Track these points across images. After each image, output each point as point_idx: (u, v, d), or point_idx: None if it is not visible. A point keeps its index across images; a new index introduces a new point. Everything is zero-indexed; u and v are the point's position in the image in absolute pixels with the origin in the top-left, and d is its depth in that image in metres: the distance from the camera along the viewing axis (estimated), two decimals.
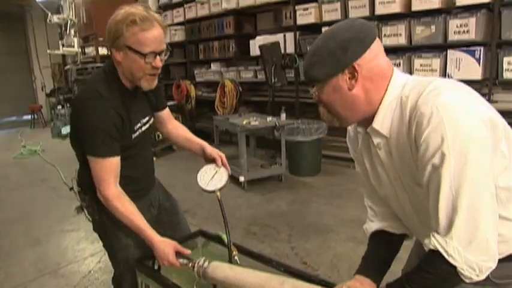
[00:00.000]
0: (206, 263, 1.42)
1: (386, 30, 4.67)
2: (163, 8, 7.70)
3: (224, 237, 1.70)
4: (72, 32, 8.75)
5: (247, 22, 6.58)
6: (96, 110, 1.43)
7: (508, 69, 4.00)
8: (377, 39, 1.03)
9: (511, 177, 1.00)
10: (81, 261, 3.26)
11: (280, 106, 5.04)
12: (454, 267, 0.93)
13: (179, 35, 7.29)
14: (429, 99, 0.93)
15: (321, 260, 3.10)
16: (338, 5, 4.99)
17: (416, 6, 4.38)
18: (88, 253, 3.39)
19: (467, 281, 0.94)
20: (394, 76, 1.05)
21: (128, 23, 1.36)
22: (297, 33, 5.50)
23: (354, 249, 3.23)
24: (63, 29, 9.37)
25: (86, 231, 3.74)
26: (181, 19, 7.26)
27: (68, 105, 8.71)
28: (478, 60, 4.14)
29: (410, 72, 4.56)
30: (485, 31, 4.12)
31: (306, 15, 5.30)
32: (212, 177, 1.64)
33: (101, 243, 1.82)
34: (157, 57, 1.43)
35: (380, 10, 4.64)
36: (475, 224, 0.91)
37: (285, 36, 5.45)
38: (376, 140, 1.10)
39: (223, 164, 1.67)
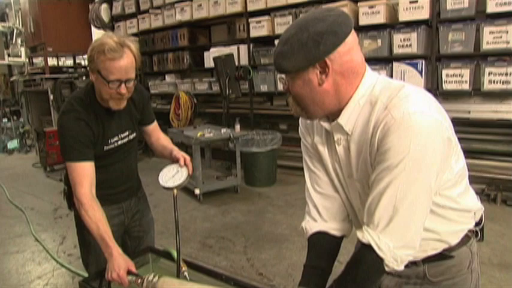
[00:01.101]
0: (156, 278, 1.40)
1: None
2: (116, 19, 7.56)
3: (174, 253, 1.69)
4: (19, 41, 8.38)
5: (202, 34, 6.60)
6: (69, 120, 1.61)
7: (446, 81, 4.26)
8: (353, 31, 0.98)
9: (454, 188, 1.08)
10: (26, 285, 3.09)
11: (235, 117, 5.07)
12: (382, 259, 0.98)
13: None
14: (401, 104, 0.94)
15: (276, 270, 3.12)
16: (290, 18, 5.11)
17: (363, 21, 4.58)
18: (34, 275, 3.22)
19: (387, 269, 1.00)
20: (366, 74, 1.03)
21: (99, 51, 1.50)
22: (251, 45, 5.59)
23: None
24: (9, 37, 8.96)
25: (33, 252, 3.56)
26: (134, 30, 7.15)
27: (15, 118, 8.31)
28: (421, 72, 4.38)
29: None
30: (426, 45, 4.38)
31: (259, 28, 5.39)
32: (173, 176, 1.66)
33: (48, 264, 1.77)
34: (122, 84, 1.55)
35: None
36: (409, 226, 0.98)
37: (238, 48, 5.51)
38: (336, 136, 1.09)
39: (186, 164, 1.69)
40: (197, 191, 4.54)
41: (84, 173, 1.60)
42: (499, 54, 4.02)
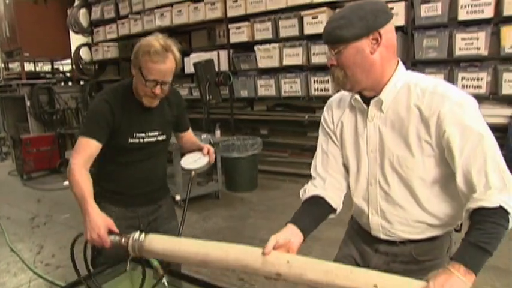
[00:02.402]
0: (142, 236, 1.35)
1: (315, 49, 4.92)
2: (95, 24, 7.48)
3: (153, 260, 1.68)
4: None
5: (182, 39, 6.57)
6: (95, 101, 1.75)
7: None
8: (393, 19, 1.17)
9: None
10: None
11: (215, 123, 5.08)
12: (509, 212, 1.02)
13: (112, 52, 7.10)
14: (454, 90, 1.14)
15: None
16: (269, 24, 5.17)
17: None
18: (10, 287, 3.15)
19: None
20: (400, 62, 1.23)
21: (145, 51, 1.58)
22: (231, 51, 5.61)
23: None
24: None
25: (8, 263, 3.48)
26: (114, 35, 7.08)
27: None
28: None
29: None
30: (402, 51, 4.48)
31: (238, 34, 5.43)
32: (195, 161, 1.81)
33: (24, 275, 1.74)
34: (158, 85, 1.63)
35: (308, 30, 4.88)
36: (507, 175, 1.07)
37: (218, 54, 5.54)
38: (371, 113, 1.24)
39: (208, 153, 1.83)
40: (178, 197, 4.52)
41: (86, 147, 1.64)
42: (471, 60, 4.15)
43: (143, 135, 1.78)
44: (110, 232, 1.44)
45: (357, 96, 1.26)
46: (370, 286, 1.01)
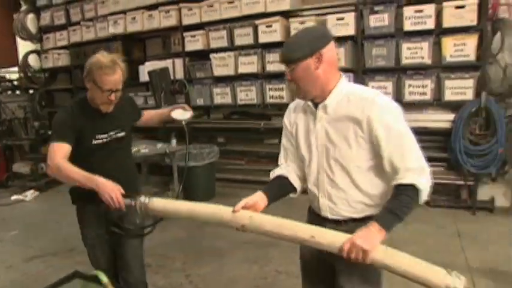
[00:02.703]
0: (147, 199, 1.77)
1: (270, 57, 4.99)
2: (44, 30, 7.15)
3: (101, 276, 1.64)
4: None
5: (137, 47, 6.46)
6: (59, 113, 2.08)
7: None
8: (333, 41, 1.49)
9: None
10: None
11: (171, 132, 5.01)
12: (419, 190, 1.41)
13: (63, 59, 6.82)
14: (372, 99, 1.45)
15: (215, 285, 3.12)
16: (224, 32, 5.19)
17: None
18: None
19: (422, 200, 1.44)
20: (342, 76, 1.54)
21: (97, 67, 1.93)
22: (186, 59, 5.58)
23: (248, 269, 3.31)
24: None
25: None
26: (65, 42, 6.80)
27: None
28: None
29: (293, 96, 4.90)
30: (353, 59, 4.65)
31: (193, 42, 5.41)
32: (181, 114, 2.44)
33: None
34: (113, 93, 1.99)
35: (263, 38, 4.95)
36: (423, 162, 1.44)
37: (174, 62, 5.49)
38: (319, 115, 1.54)
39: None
40: None
41: (59, 149, 1.94)
42: (416, 68, 4.38)
43: (105, 135, 2.11)
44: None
45: (309, 103, 1.57)
46: (309, 235, 1.46)
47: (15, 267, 3.56)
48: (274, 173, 1.73)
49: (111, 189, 1.79)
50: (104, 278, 1.61)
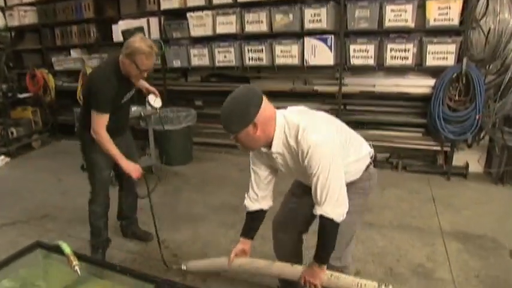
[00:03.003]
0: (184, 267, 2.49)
1: (249, 17, 4.78)
2: None
3: (63, 245, 1.56)
4: None
5: (109, 5, 6.06)
6: (101, 85, 2.49)
7: (354, 56, 4.45)
8: (263, 97, 1.67)
9: (349, 156, 1.84)
10: None
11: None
12: (332, 219, 1.70)
13: (30, 17, 6.39)
14: (304, 138, 1.65)
15: (191, 250, 3.08)
16: None
17: None
18: None
19: (339, 221, 1.72)
20: (277, 116, 1.73)
21: (140, 52, 2.40)
22: (162, 18, 5.30)
23: (224, 234, 3.29)
24: None
25: None
26: None
27: None
28: (330, 48, 4.51)
29: (273, 59, 4.78)
30: (335, 21, 4.50)
31: (170, 0, 5.13)
32: (154, 101, 3.10)
33: None
34: (146, 72, 2.54)
35: None
36: (337, 195, 1.70)
37: (149, 21, 5.23)
38: (274, 155, 1.80)
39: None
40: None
41: (104, 121, 2.52)
42: (399, 31, 4.27)
43: (127, 96, 2.72)
44: None
45: (262, 149, 1.81)
46: (277, 273, 2.14)
47: None
48: (249, 207, 2.04)
49: (133, 170, 2.69)
50: (66, 249, 1.53)
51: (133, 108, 4.40)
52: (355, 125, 4.78)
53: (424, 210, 3.64)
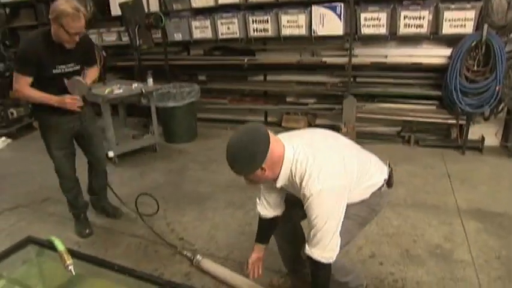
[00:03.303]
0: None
1: None
2: None
3: (56, 242, 1.43)
4: None
5: None
6: (22, 46, 2.54)
7: (365, 25, 4.19)
8: (270, 138, 1.60)
9: (362, 180, 1.80)
10: None
11: (148, 70, 4.65)
12: (319, 261, 1.69)
13: None
14: (308, 186, 1.60)
15: (198, 233, 2.97)
16: None
17: None
18: None
19: (328, 263, 1.69)
20: (286, 151, 1.66)
21: (65, 14, 2.33)
22: None
23: (232, 215, 3.17)
24: None
25: None
26: None
27: None
28: (339, 16, 4.26)
29: (279, 30, 4.53)
30: None
31: None
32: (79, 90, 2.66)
33: None
34: (77, 35, 2.42)
35: None
36: (328, 242, 1.66)
37: None
38: (278, 186, 1.76)
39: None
40: (111, 154, 4.18)
41: (22, 81, 2.48)
42: None
43: (63, 66, 2.56)
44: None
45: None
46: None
47: None
48: (261, 214, 2.02)
49: (69, 103, 2.57)
50: (59, 245, 1.40)
51: (135, 85, 4.24)
52: (366, 97, 4.60)
53: (438, 187, 3.50)
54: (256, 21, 4.61)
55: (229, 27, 4.76)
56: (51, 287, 1.43)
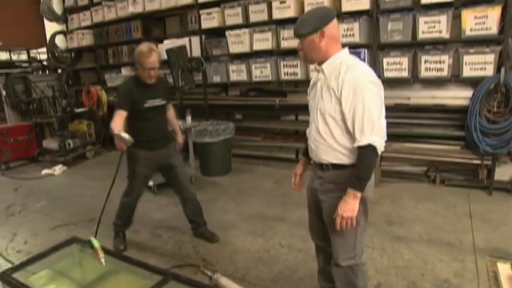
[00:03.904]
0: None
1: (284, 33, 4.95)
2: (69, 11, 7.39)
3: (94, 241, 1.79)
4: None
5: (156, 26, 6.56)
6: (120, 88, 3.23)
7: (387, 69, 4.45)
8: (335, 19, 1.85)
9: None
10: None
11: (187, 109, 5.13)
12: (375, 147, 1.77)
13: (87, 39, 7.05)
14: (350, 71, 1.79)
15: (220, 256, 3.24)
16: (239, 9, 5.18)
17: None
18: None
19: (379, 152, 1.79)
20: (343, 49, 1.90)
21: (140, 53, 2.90)
22: (203, 36, 5.62)
23: (253, 242, 3.42)
24: None
25: None
26: (88, 23, 7.01)
27: None
28: (364, 61, 4.51)
29: (307, 73, 4.88)
30: (368, 35, 4.54)
31: (209, 20, 5.43)
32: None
33: None
34: (152, 70, 2.92)
35: (277, 15, 4.90)
36: (381, 126, 1.80)
37: (190, 39, 5.54)
38: (320, 76, 1.92)
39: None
40: (150, 183, 4.61)
41: (118, 116, 2.93)
42: (434, 43, 4.23)
43: (152, 101, 3.06)
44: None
45: (316, 65, 1.95)
46: None
47: (40, 235, 3.83)
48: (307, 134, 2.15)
49: (117, 145, 2.85)
50: (96, 244, 1.74)
51: None
52: (393, 137, 4.76)
53: (458, 225, 3.55)
54: (286, 65, 5.01)
55: (262, 71, 5.20)
56: (89, 278, 1.76)
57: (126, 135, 2.81)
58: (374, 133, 1.76)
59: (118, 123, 2.90)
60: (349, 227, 1.87)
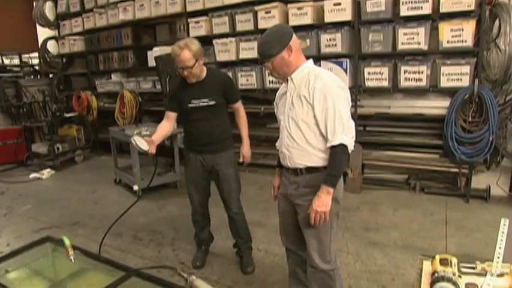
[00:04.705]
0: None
1: None
2: (61, 17, 7.49)
3: (65, 240, 1.86)
4: None
5: (147, 33, 6.67)
6: (170, 86, 3.94)
7: (368, 78, 4.57)
8: (293, 33, 2.00)
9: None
10: None
11: None
12: (346, 146, 1.92)
13: (79, 45, 7.14)
14: (318, 79, 1.92)
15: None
16: (226, 18, 5.30)
17: (293, 22, 4.80)
18: None
19: (349, 151, 1.94)
20: (309, 60, 2.05)
21: (173, 55, 2.70)
22: None
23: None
24: None
25: None
26: (80, 29, 7.10)
27: None
28: (345, 70, 4.66)
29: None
30: (350, 45, 4.66)
31: (197, 28, 5.54)
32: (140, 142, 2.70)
33: None
34: (184, 70, 2.69)
35: (262, 24, 5.01)
36: (350, 126, 1.94)
37: None
38: (290, 86, 2.03)
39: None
40: (135, 187, 4.68)
41: (167, 116, 2.92)
42: (413, 54, 4.35)
43: (197, 101, 2.81)
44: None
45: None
46: None
47: (24, 237, 3.87)
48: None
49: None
50: (67, 242, 1.82)
51: None
52: (374, 146, 4.86)
53: (433, 232, 3.64)
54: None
55: (248, 79, 5.30)
56: (61, 276, 1.83)
57: (138, 141, 2.62)
58: (344, 133, 1.90)
59: (163, 124, 2.89)
60: (322, 221, 1.97)
